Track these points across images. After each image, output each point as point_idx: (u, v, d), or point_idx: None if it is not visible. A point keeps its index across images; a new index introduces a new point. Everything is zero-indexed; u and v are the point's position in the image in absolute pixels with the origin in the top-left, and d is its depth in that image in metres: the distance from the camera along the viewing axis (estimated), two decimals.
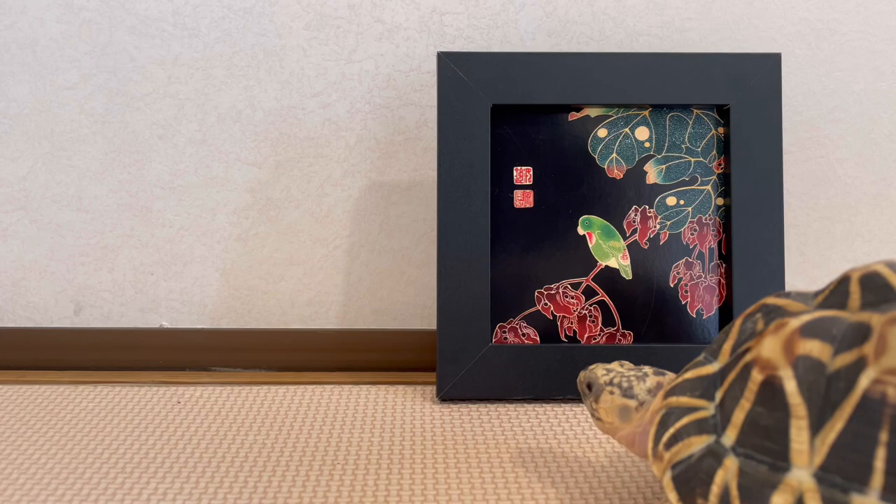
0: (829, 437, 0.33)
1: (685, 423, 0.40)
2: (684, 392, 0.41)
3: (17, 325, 0.79)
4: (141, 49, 0.76)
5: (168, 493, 0.53)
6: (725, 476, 0.36)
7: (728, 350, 0.41)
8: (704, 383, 0.41)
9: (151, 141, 0.77)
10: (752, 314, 0.41)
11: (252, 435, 0.61)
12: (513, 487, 0.53)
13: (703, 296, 0.69)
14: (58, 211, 0.78)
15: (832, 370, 0.34)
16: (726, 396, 0.39)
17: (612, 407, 0.49)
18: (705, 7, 0.75)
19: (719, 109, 0.69)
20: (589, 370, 0.52)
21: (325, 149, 0.77)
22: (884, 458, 0.31)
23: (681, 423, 0.40)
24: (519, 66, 0.67)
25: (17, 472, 0.56)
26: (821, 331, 0.35)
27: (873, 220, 0.77)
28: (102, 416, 0.65)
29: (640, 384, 0.49)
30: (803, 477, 0.33)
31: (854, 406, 0.32)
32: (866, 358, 0.33)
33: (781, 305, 0.40)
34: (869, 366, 0.32)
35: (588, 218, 0.69)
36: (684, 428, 0.40)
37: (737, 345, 0.41)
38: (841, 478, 0.32)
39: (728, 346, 0.41)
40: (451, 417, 0.64)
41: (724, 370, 0.40)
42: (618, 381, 0.49)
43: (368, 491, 0.53)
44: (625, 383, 0.49)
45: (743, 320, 0.41)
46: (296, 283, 0.78)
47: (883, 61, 0.75)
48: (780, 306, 0.40)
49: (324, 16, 0.75)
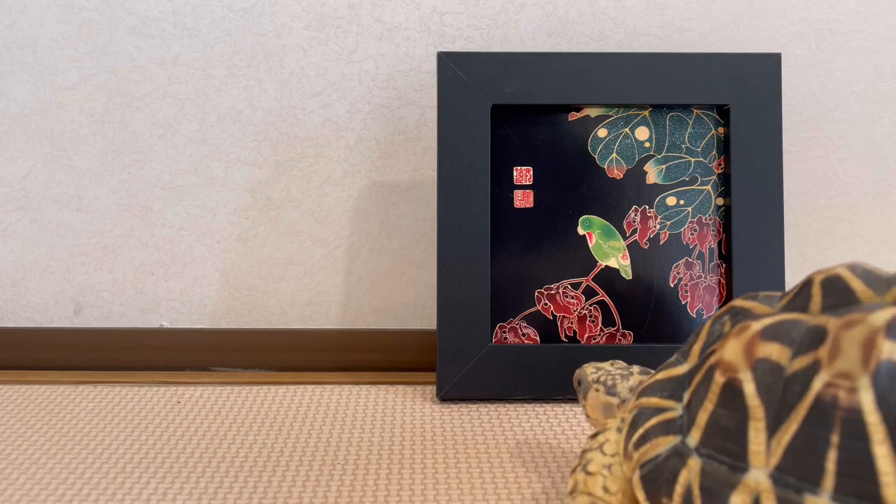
0: (784, 439, 0.34)
1: (653, 424, 0.40)
2: (654, 393, 0.42)
3: (17, 325, 0.79)
4: (141, 49, 0.76)
5: (168, 493, 0.53)
6: (689, 476, 0.37)
7: (697, 352, 0.42)
8: (673, 384, 0.42)
9: (151, 141, 0.77)
10: (720, 316, 0.42)
11: (252, 435, 0.61)
12: (513, 487, 0.53)
13: (703, 296, 0.69)
14: (58, 211, 0.78)
15: (789, 373, 0.35)
16: (692, 398, 0.39)
17: (596, 404, 0.51)
18: (705, 7, 0.75)
19: (719, 109, 0.69)
20: (581, 368, 0.54)
21: (325, 149, 0.77)
22: (835, 460, 0.32)
23: (650, 423, 0.41)
24: (519, 66, 0.67)
25: (17, 472, 0.56)
26: (781, 334, 0.36)
27: (873, 220, 0.77)
28: (102, 416, 0.65)
29: (624, 382, 0.50)
30: (760, 477, 0.34)
31: (808, 408, 0.33)
32: (820, 361, 0.33)
33: (748, 308, 0.40)
34: (822, 369, 0.33)
35: (588, 218, 0.69)
36: (653, 429, 0.40)
37: (705, 346, 0.41)
38: (795, 478, 0.33)
39: (697, 347, 0.42)
40: (451, 417, 0.64)
41: (692, 371, 0.41)
42: (603, 379, 0.51)
43: (368, 491, 0.53)
44: (609, 381, 0.51)
45: (712, 322, 0.42)
46: (296, 283, 0.78)
47: (883, 61, 0.75)
48: (746, 309, 0.40)
49: (324, 16, 0.75)
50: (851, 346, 0.32)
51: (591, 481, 0.44)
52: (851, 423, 0.31)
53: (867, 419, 0.31)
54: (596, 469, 0.44)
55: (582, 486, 0.45)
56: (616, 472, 0.44)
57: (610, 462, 0.44)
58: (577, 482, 0.45)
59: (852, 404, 0.31)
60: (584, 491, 0.44)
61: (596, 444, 0.45)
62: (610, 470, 0.44)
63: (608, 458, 0.44)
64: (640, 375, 0.50)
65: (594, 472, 0.44)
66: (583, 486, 0.45)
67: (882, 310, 0.33)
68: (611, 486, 0.44)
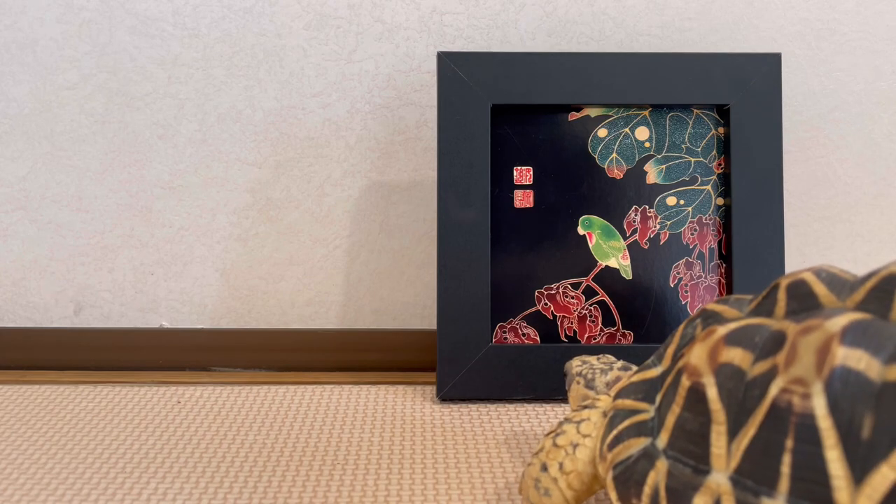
0: (743, 443, 0.34)
1: (626, 426, 0.41)
2: (629, 395, 0.43)
3: (18, 325, 0.79)
4: (141, 49, 0.76)
5: (168, 493, 0.53)
6: (657, 477, 0.38)
7: (670, 354, 0.42)
8: (647, 386, 0.42)
9: (151, 141, 0.77)
10: (693, 319, 0.42)
11: (252, 435, 0.61)
12: (513, 488, 0.53)
13: (703, 296, 0.69)
14: (58, 211, 0.78)
15: (750, 378, 0.35)
16: (663, 400, 0.40)
17: (576, 395, 0.53)
18: (705, 7, 0.75)
19: (719, 109, 0.69)
20: (570, 360, 0.56)
21: (325, 149, 0.77)
22: (789, 464, 0.32)
23: (623, 425, 0.41)
24: (519, 66, 0.67)
25: (17, 472, 0.56)
26: (744, 339, 0.36)
27: (873, 220, 0.77)
28: (102, 416, 0.65)
29: (602, 377, 0.52)
30: (721, 480, 0.35)
31: (764, 413, 0.34)
32: (778, 367, 0.34)
33: (719, 311, 0.41)
34: (779, 375, 0.33)
35: (588, 218, 0.69)
36: (626, 430, 0.41)
37: (677, 349, 0.42)
38: (753, 482, 0.33)
39: (671, 350, 0.43)
40: (451, 417, 0.64)
41: (665, 374, 0.42)
42: (584, 373, 0.53)
43: (368, 491, 0.53)
44: (589, 375, 0.52)
45: (685, 325, 0.43)
46: (296, 283, 0.78)
47: (883, 61, 0.75)
48: (717, 312, 0.41)
49: (324, 16, 0.75)
50: (807, 352, 0.32)
51: (553, 453, 0.45)
52: (805, 429, 0.32)
53: (820, 424, 0.31)
54: (563, 443, 0.45)
55: (543, 455, 0.45)
56: (580, 454, 0.44)
57: (579, 442, 0.44)
58: (544, 448, 0.46)
59: (806, 410, 0.32)
60: (542, 460, 0.45)
61: (576, 418, 0.46)
62: (575, 450, 0.44)
63: (579, 437, 0.44)
64: (619, 371, 0.52)
65: (560, 445, 0.45)
66: (544, 455, 0.45)
67: (839, 315, 0.33)
68: (567, 465, 0.44)
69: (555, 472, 0.45)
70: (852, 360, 0.31)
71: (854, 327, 0.32)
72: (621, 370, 0.52)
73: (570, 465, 0.44)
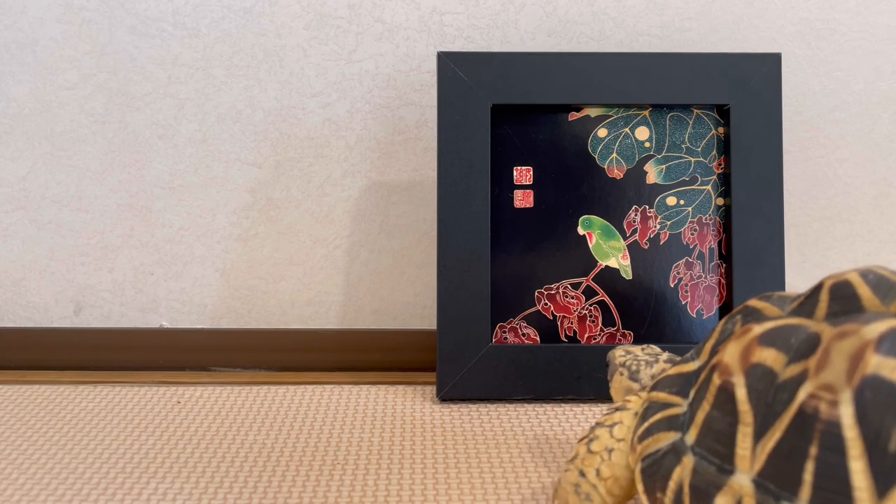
0: (768, 446, 0.34)
1: (658, 419, 0.41)
2: (664, 388, 0.43)
3: (17, 325, 0.79)
4: (141, 49, 0.76)
5: (168, 493, 0.53)
6: (682, 473, 0.37)
7: (708, 349, 0.42)
8: (682, 380, 0.42)
9: (151, 141, 0.77)
10: (733, 315, 0.42)
11: (252, 435, 0.61)
12: (513, 488, 0.53)
13: (703, 296, 0.69)
14: (58, 211, 0.78)
15: (781, 380, 0.34)
16: (696, 396, 0.40)
17: (619, 387, 0.52)
18: (705, 7, 0.75)
19: (719, 109, 0.69)
20: (613, 349, 0.54)
21: (325, 149, 0.77)
22: (812, 472, 0.32)
23: (655, 418, 0.41)
24: (519, 66, 0.67)
25: (17, 472, 0.56)
26: (779, 340, 0.36)
27: (873, 220, 0.77)
28: (102, 416, 0.65)
29: (647, 369, 0.50)
30: (744, 482, 0.34)
31: (791, 418, 0.33)
32: (809, 371, 0.33)
33: (760, 308, 0.40)
34: (809, 379, 0.33)
35: (588, 218, 0.69)
36: (656, 424, 0.41)
37: (715, 345, 0.41)
38: (775, 486, 0.33)
39: (709, 345, 0.42)
40: (451, 417, 0.64)
41: (700, 369, 0.41)
42: (629, 364, 0.51)
43: (368, 491, 0.53)
44: (634, 366, 0.51)
45: (726, 321, 0.42)
46: (296, 283, 0.78)
47: (883, 61, 0.75)
48: (758, 309, 0.40)
49: (324, 16, 0.75)
50: (840, 358, 0.32)
51: (589, 460, 0.44)
52: (830, 437, 0.31)
53: (846, 434, 0.31)
54: (598, 449, 0.44)
55: (579, 461, 0.45)
56: (616, 458, 0.44)
57: (614, 447, 0.44)
58: (578, 454, 0.45)
59: (832, 417, 0.31)
60: (579, 467, 0.45)
61: (608, 422, 0.45)
62: (611, 455, 0.44)
63: (613, 442, 0.44)
64: (665, 364, 0.50)
65: (596, 451, 0.44)
66: (579, 461, 0.45)
67: (878, 321, 0.32)
68: (604, 471, 0.44)
69: (593, 479, 0.44)
70: (886, 369, 0.30)
71: (891, 335, 0.31)
72: (667, 362, 0.50)
73: (608, 471, 0.44)
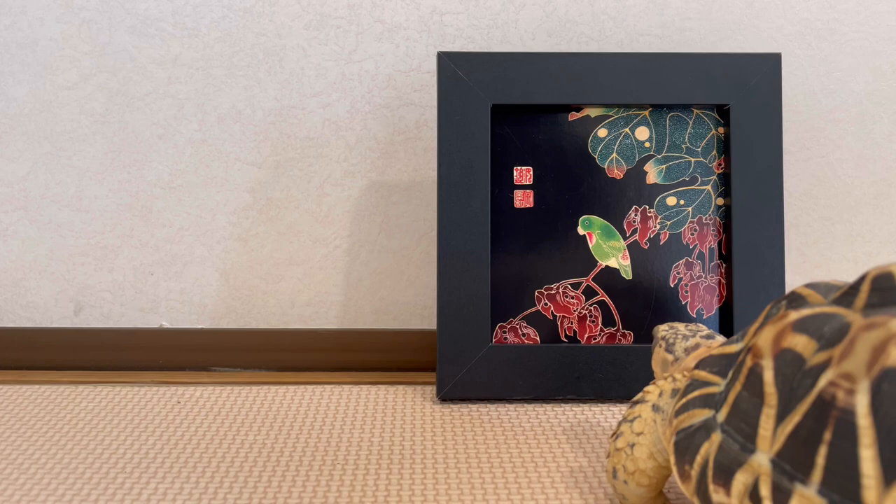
0: (787, 428, 0.35)
1: (695, 396, 0.43)
2: (706, 367, 0.44)
3: (17, 325, 0.79)
4: (141, 49, 0.76)
5: (168, 493, 0.53)
6: (709, 449, 0.39)
7: (751, 333, 0.43)
8: (724, 361, 0.43)
9: (151, 141, 0.77)
10: (780, 300, 0.43)
11: (252, 435, 0.61)
12: (513, 487, 0.53)
13: (703, 296, 0.69)
14: (58, 211, 0.78)
15: (808, 366, 0.36)
16: (732, 376, 0.41)
17: (657, 358, 0.54)
18: (705, 7, 0.75)
19: (719, 109, 0.69)
20: (659, 325, 0.57)
21: (325, 149, 0.77)
22: (825, 456, 0.33)
23: (692, 395, 0.43)
24: (519, 66, 0.67)
25: (17, 472, 0.56)
26: (812, 327, 0.36)
27: (873, 220, 0.77)
28: (102, 416, 0.65)
29: (682, 342, 0.52)
30: (763, 461, 0.36)
31: (810, 403, 0.34)
32: (833, 359, 0.34)
33: (804, 296, 0.41)
34: (831, 367, 0.34)
35: (588, 218, 0.69)
36: (692, 401, 0.43)
37: (758, 328, 0.43)
38: (791, 467, 0.34)
39: (753, 328, 0.43)
40: (451, 417, 0.64)
41: (741, 351, 0.43)
42: (667, 337, 0.53)
43: (368, 491, 0.53)
44: (671, 339, 0.53)
45: (772, 305, 0.43)
46: (296, 283, 0.78)
47: (883, 61, 0.75)
48: (803, 296, 0.41)
49: (324, 16, 0.75)
50: (864, 349, 0.32)
51: (616, 458, 0.48)
52: (844, 424, 0.32)
53: (859, 422, 0.32)
54: (622, 445, 0.48)
55: (610, 461, 0.48)
56: (638, 452, 0.47)
57: (634, 441, 0.47)
58: (609, 452, 0.49)
59: (848, 405, 0.32)
60: (613, 465, 0.48)
61: (630, 417, 0.49)
62: (633, 450, 0.47)
63: (634, 437, 0.48)
64: (701, 339, 0.52)
65: (620, 448, 0.48)
66: (610, 461, 0.48)
67: None
68: (629, 466, 0.48)
69: (623, 476, 0.48)
70: None
71: None
72: (704, 338, 0.52)
73: (632, 466, 0.47)
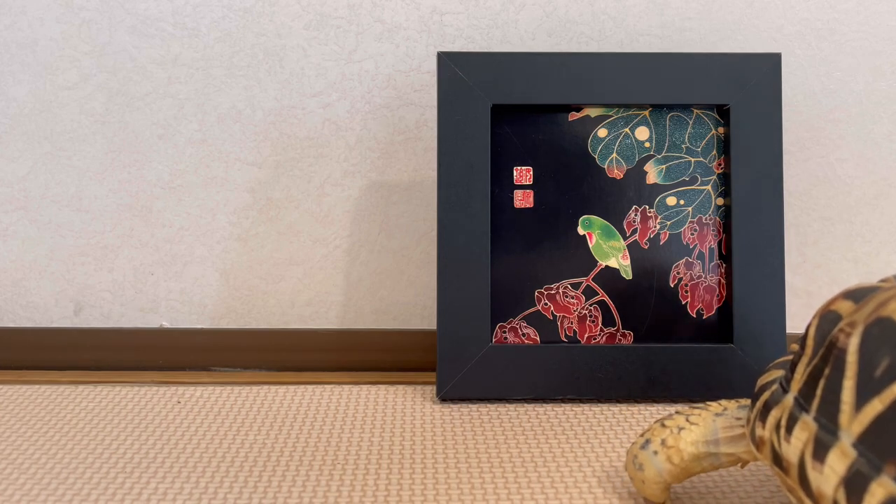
0: (807, 370, 0.41)
1: (773, 364, 0.48)
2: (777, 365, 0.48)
3: (17, 325, 0.79)
4: (141, 49, 0.76)
5: (168, 493, 0.53)
6: (768, 396, 0.44)
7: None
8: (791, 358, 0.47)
9: (151, 141, 0.77)
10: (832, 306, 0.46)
11: (252, 435, 0.61)
12: (513, 487, 0.53)
13: (703, 296, 0.69)
14: (58, 211, 0.78)
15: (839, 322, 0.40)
16: None
17: None
18: (705, 7, 0.75)
19: (719, 109, 0.69)
20: None
21: (325, 149, 0.77)
22: (822, 388, 0.38)
23: (771, 364, 0.48)
24: (519, 66, 0.67)
25: (17, 472, 0.56)
26: (857, 295, 0.40)
27: (873, 220, 0.77)
28: (102, 416, 0.65)
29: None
30: (789, 399, 0.41)
31: (825, 347, 0.40)
32: (854, 313, 0.38)
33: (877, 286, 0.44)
34: (844, 318, 0.39)
35: (588, 218, 0.69)
36: (771, 366, 0.47)
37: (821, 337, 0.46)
38: (802, 399, 0.40)
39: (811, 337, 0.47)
40: (451, 417, 0.64)
41: None
42: None
43: (368, 491, 0.53)
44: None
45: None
46: (296, 283, 0.78)
47: (883, 61, 0.75)
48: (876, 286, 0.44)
49: (324, 16, 0.75)
50: (873, 303, 0.38)
51: (658, 431, 0.49)
52: (838, 360, 0.38)
53: (848, 358, 0.37)
54: (670, 424, 0.49)
55: (649, 433, 0.50)
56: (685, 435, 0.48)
57: (685, 426, 0.49)
58: (651, 428, 0.50)
59: (844, 345, 0.38)
60: (647, 437, 0.50)
61: (687, 413, 0.50)
62: (680, 431, 0.49)
63: (686, 424, 0.49)
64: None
65: (667, 426, 0.49)
66: (649, 433, 0.50)
67: None
68: (669, 440, 0.49)
69: (656, 446, 0.49)
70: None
71: None
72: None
73: (673, 441, 0.49)
